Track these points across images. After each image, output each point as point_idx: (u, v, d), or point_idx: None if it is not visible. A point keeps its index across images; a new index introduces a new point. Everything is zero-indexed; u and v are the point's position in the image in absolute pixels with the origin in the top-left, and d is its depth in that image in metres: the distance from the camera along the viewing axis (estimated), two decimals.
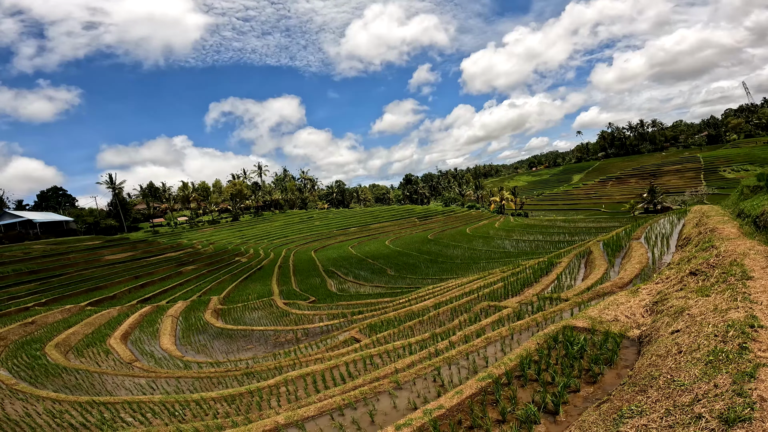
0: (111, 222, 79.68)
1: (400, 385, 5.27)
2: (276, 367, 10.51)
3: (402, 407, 4.74)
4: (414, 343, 8.22)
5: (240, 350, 15.83)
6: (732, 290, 4.26)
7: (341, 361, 8.36)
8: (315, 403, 5.20)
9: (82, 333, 21.65)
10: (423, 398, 4.79)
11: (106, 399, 9.16)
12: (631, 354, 4.59)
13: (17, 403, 10.28)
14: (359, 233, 79.16)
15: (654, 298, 5.52)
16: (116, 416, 8.26)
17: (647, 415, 2.70)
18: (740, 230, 7.70)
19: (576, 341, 4.74)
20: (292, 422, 4.72)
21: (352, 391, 5.41)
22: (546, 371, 4.57)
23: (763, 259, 5.13)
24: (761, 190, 10.19)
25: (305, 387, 7.50)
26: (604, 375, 4.33)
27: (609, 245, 13.82)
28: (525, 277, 13.59)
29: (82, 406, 9.10)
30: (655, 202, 65.16)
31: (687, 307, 4.22)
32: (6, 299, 31.47)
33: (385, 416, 4.63)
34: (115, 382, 12.30)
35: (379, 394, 5.13)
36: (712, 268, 5.31)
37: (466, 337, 6.93)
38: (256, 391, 7.81)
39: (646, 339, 4.41)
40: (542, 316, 6.82)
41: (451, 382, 4.96)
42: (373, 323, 13.30)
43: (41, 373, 14.08)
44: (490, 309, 9.69)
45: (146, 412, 8.07)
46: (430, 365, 5.62)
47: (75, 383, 12.67)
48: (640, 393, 3.12)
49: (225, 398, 7.92)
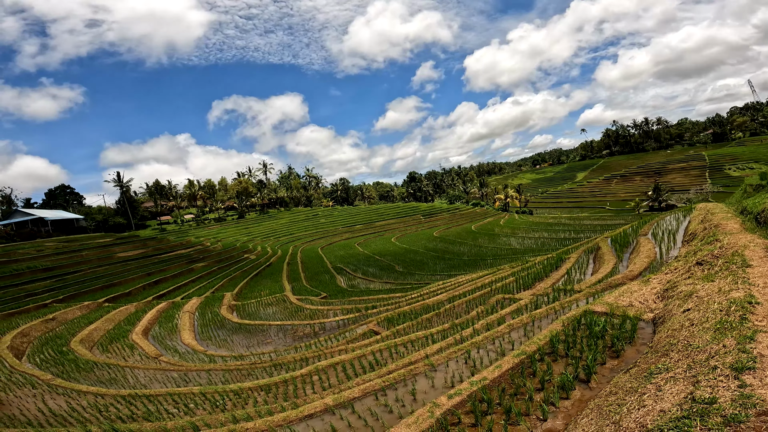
0: (119, 220, 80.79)
1: (434, 367, 5.85)
2: (302, 358, 11.05)
3: (439, 386, 5.32)
4: (435, 333, 8.79)
5: (260, 344, 16.44)
6: (734, 276, 4.86)
7: (368, 351, 8.92)
8: (357, 386, 5.78)
9: (103, 329, 22.35)
10: (458, 377, 5.36)
11: (148, 392, 9.61)
12: (647, 334, 5.21)
13: (59, 398, 10.72)
14: (365, 230, 79.79)
15: (664, 286, 6.11)
16: (160, 408, 8.66)
17: (673, 370, 3.32)
18: (742, 226, 8.27)
19: (597, 323, 5.33)
20: (339, 403, 5.29)
21: (388, 374, 5.98)
22: (573, 348, 5.16)
23: (762, 250, 5.73)
24: (763, 188, 10.68)
25: (336, 375, 8.01)
26: (625, 350, 4.91)
27: (617, 241, 14.34)
28: (536, 272, 14.14)
29: (125, 399, 9.52)
30: (660, 200, 65.37)
31: (695, 291, 4.83)
32: (23, 296, 32.25)
33: (425, 394, 5.20)
34: (147, 376, 12.78)
35: (416, 375, 5.71)
36: (716, 259, 5.90)
37: (488, 325, 7.51)
38: (290, 380, 8.32)
39: (659, 320, 5.02)
40: (559, 305, 7.40)
41: (482, 363, 5.54)
42: (390, 316, 13.87)
43: (72, 368, 14.61)
44: (506, 301, 10.25)
45: (188, 403, 8.52)
46: (459, 350, 6.19)
47: (108, 378, 13.16)
48: (664, 356, 3.72)
49: (261, 387, 8.37)
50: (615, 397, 3.29)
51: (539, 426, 3.95)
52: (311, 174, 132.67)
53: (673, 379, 3.09)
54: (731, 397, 2.58)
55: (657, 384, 3.05)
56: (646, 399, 2.96)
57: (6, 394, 11.48)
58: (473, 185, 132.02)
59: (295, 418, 5.01)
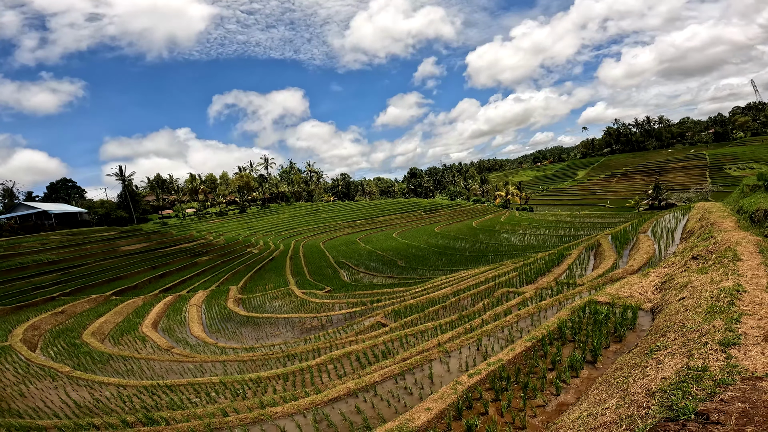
0: (121, 213, 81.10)
1: (448, 353, 6.28)
2: (314, 349, 11.46)
3: (454, 370, 5.75)
4: (444, 324, 9.22)
5: (269, 336, 16.88)
6: (725, 268, 5.34)
7: (379, 341, 9.35)
8: (376, 371, 6.20)
9: (113, 322, 22.77)
10: (472, 362, 5.80)
11: (169, 382, 9.91)
12: (646, 321, 5.65)
13: (81, 389, 10.95)
14: (366, 225, 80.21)
15: (662, 278, 6.55)
16: (182, 397, 8.92)
17: (670, 347, 3.80)
18: (737, 224, 8.71)
19: (601, 311, 5.78)
20: (361, 387, 5.72)
21: (404, 361, 6.41)
22: (579, 333, 5.60)
23: (753, 246, 6.18)
24: (760, 188, 11.10)
25: (350, 364, 8.40)
26: (626, 336, 5.37)
27: (617, 238, 14.77)
28: (538, 267, 14.57)
29: (147, 389, 9.78)
30: (659, 199, 65.77)
31: (690, 282, 5.29)
32: (31, 289, 32.61)
33: (442, 377, 5.64)
34: (163, 368, 13.08)
35: (431, 361, 6.14)
36: (711, 253, 6.35)
37: (496, 316, 7.95)
38: (306, 369, 8.70)
39: (658, 309, 5.47)
40: (563, 297, 7.84)
41: (494, 349, 5.97)
42: (397, 309, 14.31)
43: (88, 360, 14.88)
44: (510, 294, 10.68)
45: (209, 392, 8.82)
46: (469, 338, 6.63)
47: (125, 369, 13.45)
48: (662, 337, 4.18)
49: (279, 376, 8.73)
50: (621, 371, 3.73)
51: (553, 400, 4.42)
52: (312, 169, 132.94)
53: (671, 354, 3.54)
54: (720, 366, 3.05)
55: (657, 359, 3.49)
56: (648, 370, 3.41)
57: (26, 386, 11.81)
58: (474, 182, 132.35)
59: (321, 402, 5.43)
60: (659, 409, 2.53)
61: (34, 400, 10.63)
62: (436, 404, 4.18)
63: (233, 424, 5.33)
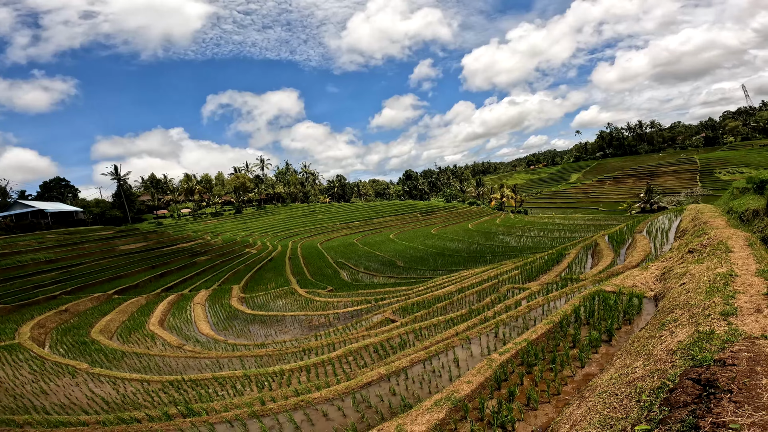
0: (116, 213, 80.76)
1: (469, 340, 6.81)
2: (328, 344, 11.87)
3: (477, 355, 6.29)
4: (456, 317, 9.76)
5: (278, 333, 17.28)
6: (719, 258, 6.02)
7: (394, 334, 9.85)
8: (403, 357, 6.72)
9: (118, 320, 22.98)
10: (493, 347, 6.33)
11: (194, 376, 10.12)
12: (651, 307, 6.26)
13: (104, 385, 10.99)
14: (363, 227, 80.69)
15: (661, 271, 7.21)
16: (209, 390, 9.07)
17: (679, 320, 4.42)
18: (728, 222, 9.45)
19: (610, 298, 6.39)
20: (392, 372, 6.21)
21: (427, 348, 6.93)
22: (593, 317, 6.19)
23: (742, 240, 6.89)
24: (749, 191, 11.84)
25: (369, 355, 8.80)
26: (634, 319, 5.99)
27: (614, 238, 15.47)
28: (539, 266, 15.21)
29: (172, 384, 9.92)
30: (651, 202, 67.12)
31: (688, 271, 5.95)
32: (31, 288, 32.57)
33: (466, 361, 6.17)
34: (179, 364, 13.20)
35: (454, 347, 6.67)
36: (705, 247, 7.04)
37: (507, 307, 8.51)
38: (327, 361, 9.06)
39: (660, 296, 6.11)
40: (569, 290, 8.44)
41: (511, 336, 6.52)
42: (404, 306, 14.83)
43: (102, 357, 14.93)
44: (515, 290, 11.27)
45: (235, 384, 9.04)
46: (486, 327, 7.18)
47: (141, 366, 13.48)
48: (670, 313, 4.78)
49: (301, 368, 9.06)
50: (638, 342, 4.34)
51: (579, 371, 4.99)
52: (308, 170, 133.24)
53: (681, 325, 4.15)
54: (724, 330, 3.73)
55: (669, 329, 4.10)
56: (664, 337, 4.01)
57: (46, 383, 11.90)
58: (469, 184, 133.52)
59: (356, 387, 5.91)
60: (683, 361, 3.13)
61: (57, 396, 10.75)
62: (476, 377, 4.71)
63: (276, 411, 5.71)
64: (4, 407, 10.18)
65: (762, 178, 10.50)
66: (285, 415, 5.56)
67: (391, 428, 3.89)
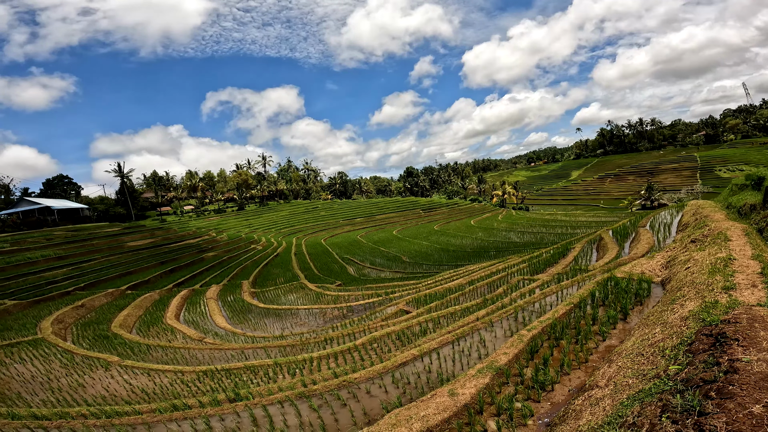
0: (119, 210, 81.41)
1: (491, 324, 7.45)
2: (348, 333, 12.42)
3: (501, 336, 6.93)
4: (472, 306, 10.39)
5: (294, 326, 17.89)
6: (719, 246, 6.74)
7: (413, 322, 10.48)
8: (432, 340, 7.34)
9: (135, 315, 23.52)
10: (515, 329, 6.95)
11: (226, 366, 10.47)
12: (659, 290, 6.96)
13: (140, 377, 11.26)
14: (366, 223, 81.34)
15: (666, 259, 7.90)
16: (243, 378, 9.38)
17: (687, 295, 5.08)
18: (727, 216, 10.17)
19: (622, 282, 7.05)
20: (424, 353, 6.83)
21: (452, 332, 7.56)
22: (608, 298, 6.88)
23: (740, 231, 7.60)
24: (747, 187, 12.48)
25: (393, 342, 9.34)
26: (645, 301, 6.65)
27: (618, 232, 16.13)
28: (545, 259, 15.85)
29: (206, 374, 10.23)
30: (652, 199, 67.77)
31: (692, 257, 6.66)
32: (44, 284, 33.13)
33: (492, 341, 6.80)
34: (205, 355, 13.55)
35: (478, 330, 7.31)
36: (706, 237, 7.74)
37: (522, 295, 9.15)
38: (352, 348, 9.54)
39: (667, 280, 6.81)
40: (581, 278, 9.08)
41: (530, 320, 7.14)
42: (417, 297, 15.47)
43: (128, 350, 15.27)
44: (525, 281, 11.92)
45: (268, 372, 9.38)
46: (505, 312, 7.82)
47: (168, 358, 13.78)
48: (678, 291, 5.47)
49: (328, 356, 9.50)
50: (654, 316, 5.03)
51: (602, 344, 5.68)
52: (310, 167, 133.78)
53: (689, 299, 4.83)
54: (726, 300, 4.38)
55: (680, 303, 4.80)
56: (676, 309, 4.68)
57: (79, 376, 12.09)
58: (471, 181, 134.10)
59: (392, 367, 6.52)
60: (695, 324, 3.80)
61: (95, 389, 10.96)
62: (510, 349, 5.36)
63: (321, 391, 6.21)
64: (44, 401, 10.41)
65: (760, 175, 11.13)
66: (331, 394, 6.12)
67: (443, 392, 4.50)
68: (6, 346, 16.94)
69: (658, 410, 2.26)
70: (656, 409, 2.30)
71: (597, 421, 2.73)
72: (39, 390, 11.41)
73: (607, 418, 2.67)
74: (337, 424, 5.22)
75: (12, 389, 11.69)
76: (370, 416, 5.20)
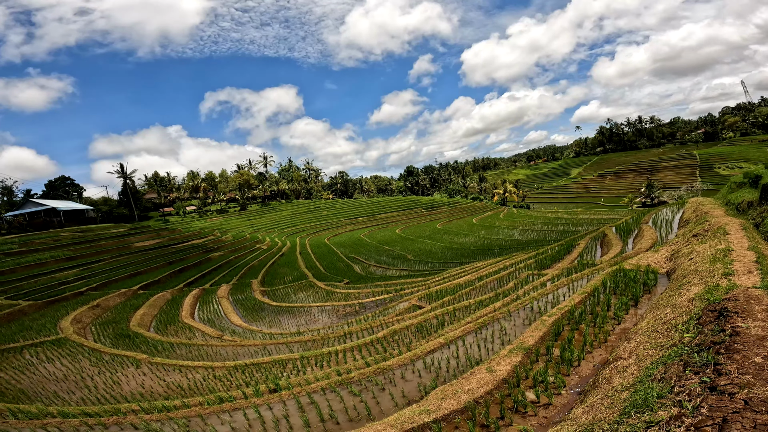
0: (123, 211, 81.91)
1: (509, 314, 8.05)
2: (366, 327, 12.90)
3: (520, 324, 7.53)
4: (486, 299, 10.99)
5: (309, 322, 18.43)
6: (718, 239, 7.44)
7: (430, 315, 11.05)
8: (455, 329, 7.92)
9: (150, 314, 23.97)
10: (533, 318, 7.54)
11: (255, 360, 10.87)
12: (665, 280, 7.61)
13: (172, 374, 11.56)
14: (368, 223, 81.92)
15: (670, 252, 8.57)
16: (274, 371, 9.68)
17: (691, 282, 5.72)
18: (726, 212, 10.86)
19: (631, 272, 7.69)
20: (450, 340, 7.41)
21: (472, 322, 8.16)
22: (618, 287, 7.50)
23: (738, 225, 8.32)
24: (745, 185, 13.10)
25: (413, 334, 9.89)
26: (653, 289, 7.28)
27: (621, 229, 16.74)
28: (551, 255, 16.46)
29: (236, 369, 10.57)
30: (652, 197, 68.38)
31: (694, 249, 7.34)
32: (57, 285, 33.52)
33: (512, 329, 7.40)
34: (229, 352, 13.90)
35: (498, 320, 7.91)
36: (706, 232, 8.43)
37: (535, 288, 9.76)
38: (375, 340, 10.05)
39: (672, 271, 7.48)
40: (589, 272, 9.69)
41: (546, 309, 7.76)
42: (428, 293, 16.06)
43: (151, 348, 15.61)
44: (534, 276, 12.52)
45: (297, 365, 9.77)
46: (521, 303, 8.42)
47: (193, 355, 14.05)
48: (684, 278, 6.10)
49: (353, 348, 9.97)
50: (663, 300, 5.68)
51: (617, 327, 6.31)
52: (311, 167, 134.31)
53: (694, 284, 5.48)
54: (725, 284, 5.00)
55: (686, 288, 5.46)
56: (682, 292, 5.32)
57: (111, 374, 12.33)
58: (472, 180, 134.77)
59: (422, 354, 7.11)
60: (701, 303, 4.44)
61: (129, 386, 11.24)
62: (536, 332, 6.00)
63: (359, 378, 6.68)
64: (83, 399, 10.67)
65: (757, 174, 11.73)
66: (369, 380, 6.64)
67: (482, 369, 5.10)
68: (30, 345, 17.27)
69: (681, 367, 2.86)
70: (679, 366, 2.89)
71: (629, 381, 3.30)
72: (74, 388, 11.65)
73: (638, 378, 3.24)
74: (379, 406, 5.76)
75: (47, 389, 11.94)
76: (409, 398, 5.77)
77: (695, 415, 2.18)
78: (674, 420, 2.21)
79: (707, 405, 2.23)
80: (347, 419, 5.63)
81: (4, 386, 12.28)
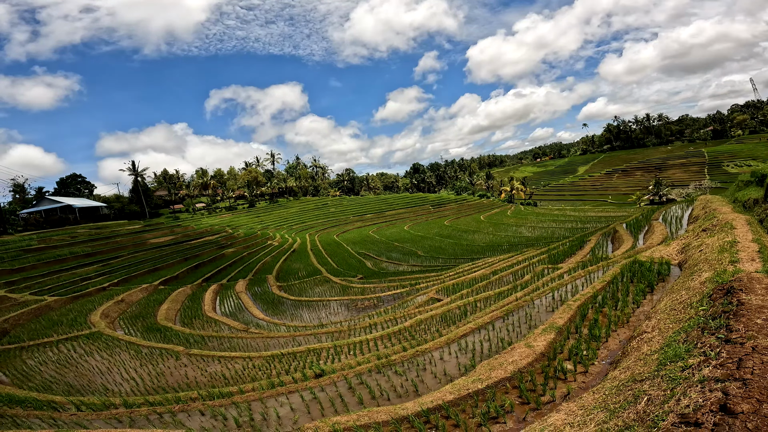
0: (134, 208, 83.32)
1: (533, 301, 8.77)
2: (390, 319, 13.53)
3: (543, 310, 8.25)
4: (505, 291, 11.69)
5: (330, 315, 19.13)
6: (726, 233, 8.20)
7: (452, 306, 11.75)
8: (484, 316, 8.63)
9: (174, 309, 24.77)
10: (555, 306, 8.25)
11: (291, 350, 11.41)
12: (677, 271, 8.31)
13: (213, 364, 11.95)
14: (376, 219, 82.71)
15: (681, 246, 9.29)
16: (311, 359, 10.15)
17: (702, 269, 6.47)
18: (733, 209, 11.59)
19: (646, 263, 8.41)
20: (480, 325, 8.14)
21: (499, 309, 8.88)
22: (635, 276, 8.20)
23: (743, 221, 9.07)
24: (752, 183, 13.69)
25: (438, 323, 10.58)
26: (667, 278, 7.98)
27: (631, 225, 17.36)
28: (563, 251, 17.11)
29: (273, 358, 11.02)
30: (660, 195, 68.52)
31: (703, 242, 8.11)
32: (79, 281, 34.44)
33: (537, 315, 8.10)
34: (258, 343, 14.39)
35: (522, 307, 8.64)
36: (715, 227, 9.12)
37: (552, 279, 10.46)
38: (403, 329, 10.66)
39: (683, 262, 8.21)
40: (604, 264, 10.37)
41: (568, 297, 8.45)
42: (445, 287, 16.76)
43: (183, 341, 16.02)
44: (549, 269, 13.20)
45: (330, 353, 10.29)
46: (542, 293, 9.12)
47: (225, 347, 14.53)
48: (696, 266, 6.85)
49: (382, 337, 10.54)
50: (677, 285, 6.41)
51: (636, 309, 7.02)
52: (318, 164, 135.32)
53: (704, 271, 6.22)
54: (732, 269, 5.72)
55: (698, 274, 6.18)
56: (695, 277, 6.04)
57: (154, 366, 12.69)
58: (479, 177, 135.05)
59: (455, 338, 7.83)
60: (711, 284, 5.16)
61: (174, 377, 11.40)
62: (564, 315, 6.76)
63: (399, 360, 7.35)
64: (132, 390, 11.10)
65: (763, 173, 12.31)
66: (410, 362, 7.28)
67: (521, 345, 5.84)
68: (65, 340, 17.79)
69: (700, 331, 3.61)
70: (698, 331, 3.64)
71: (657, 347, 4.01)
72: (120, 380, 11.88)
73: (664, 343, 3.96)
74: (425, 384, 6.46)
75: (94, 381, 12.34)
76: (450, 375, 6.50)
77: (718, 358, 2.94)
78: (703, 362, 2.97)
79: (725, 351, 2.99)
80: (396, 396, 6.32)
81: (51, 380, 12.69)
